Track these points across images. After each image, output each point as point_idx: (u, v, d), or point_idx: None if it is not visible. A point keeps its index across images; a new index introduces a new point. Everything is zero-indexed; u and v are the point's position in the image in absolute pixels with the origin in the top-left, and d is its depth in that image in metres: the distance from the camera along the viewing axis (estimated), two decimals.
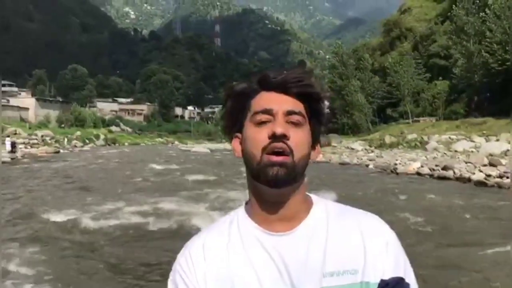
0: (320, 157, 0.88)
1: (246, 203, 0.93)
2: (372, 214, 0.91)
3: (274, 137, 0.82)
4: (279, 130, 0.82)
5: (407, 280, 0.84)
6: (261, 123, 0.85)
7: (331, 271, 0.83)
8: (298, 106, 0.86)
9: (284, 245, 0.85)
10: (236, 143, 0.91)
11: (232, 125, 0.91)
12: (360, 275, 0.83)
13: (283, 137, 0.82)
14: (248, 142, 0.86)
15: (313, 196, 0.92)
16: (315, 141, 0.89)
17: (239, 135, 0.90)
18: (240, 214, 0.92)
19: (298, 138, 0.84)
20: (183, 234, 7.13)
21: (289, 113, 0.85)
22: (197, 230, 0.93)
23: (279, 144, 0.82)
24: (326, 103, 0.91)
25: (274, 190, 0.84)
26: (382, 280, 0.83)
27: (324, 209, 0.90)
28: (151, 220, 8.30)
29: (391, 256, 0.85)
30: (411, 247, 6.09)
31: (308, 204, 0.90)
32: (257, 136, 0.84)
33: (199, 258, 0.87)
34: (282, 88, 0.86)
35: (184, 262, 0.88)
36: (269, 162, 0.82)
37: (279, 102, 0.85)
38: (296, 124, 0.85)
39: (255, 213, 0.89)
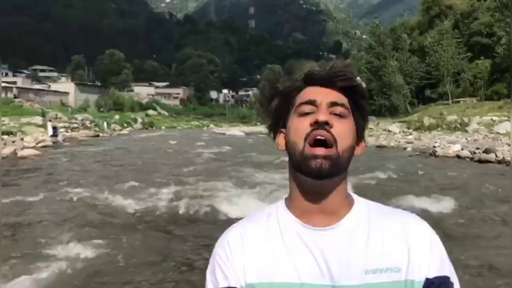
0: None
1: (286, 199, 0.92)
2: (413, 214, 0.91)
3: (317, 124, 0.82)
4: (322, 117, 0.82)
5: (451, 280, 0.85)
6: (305, 114, 0.85)
7: (374, 268, 0.83)
8: (342, 98, 0.87)
9: (325, 241, 0.85)
10: (280, 137, 0.91)
11: (278, 122, 0.92)
12: (404, 273, 0.83)
13: (326, 124, 0.82)
14: (291, 132, 0.86)
15: (354, 195, 0.92)
16: (359, 137, 0.89)
17: (283, 130, 0.91)
18: (280, 207, 0.91)
19: (342, 128, 0.84)
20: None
21: (333, 104, 0.86)
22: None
23: (322, 132, 0.82)
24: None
25: (316, 181, 0.83)
26: (427, 279, 0.83)
27: (365, 208, 0.90)
28: None
29: (436, 255, 0.85)
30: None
31: (350, 200, 0.90)
32: (300, 125, 0.84)
33: (237, 249, 0.87)
34: (327, 81, 0.88)
35: (223, 253, 0.88)
36: (312, 154, 0.82)
37: (323, 94, 0.86)
38: (340, 116, 0.85)
39: (296, 205, 0.88)
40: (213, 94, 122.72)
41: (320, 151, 0.81)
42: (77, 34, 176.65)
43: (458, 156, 17.08)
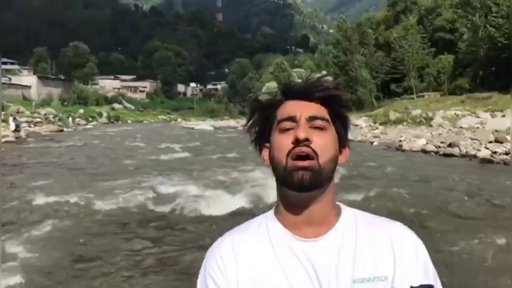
0: None
1: (275, 209, 0.94)
2: (399, 223, 0.92)
3: (297, 142, 0.84)
4: (301, 134, 0.84)
5: None
6: (285, 130, 0.87)
7: (361, 277, 0.84)
8: (320, 111, 0.88)
9: (314, 252, 0.86)
10: (265, 152, 0.93)
11: (261, 136, 0.94)
12: (390, 281, 0.84)
13: (306, 141, 0.84)
14: (274, 149, 0.88)
15: (341, 204, 0.93)
16: (341, 145, 0.91)
17: (267, 145, 0.92)
18: (268, 218, 0.93)
19: (322, 141, 0.85)
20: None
21: (312, 118, 0.87)
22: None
23: (303, 148, 0.84)
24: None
25: (301, 194, 0.85)
26: (411, 287, 0.85)
27: (353, 217, 0.91)
28: None
29: (420, 264, 0.86)
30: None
31: (337, 210, 0.91)
32: (282, 142, 0.86)
33: (230, 261, 0.88)
34: (305, 94, 0.89)
35: (215, 264, 0.88)
36: (294, 166, 0.83)
37: (302, 108, 0.87)
38: (320, 129, 0.87)
39: (284, 218, 0.90)
40: (181, 88, 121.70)
41: (301, 163, 0.83)
42: (40, 25, 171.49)
43: (423, 150, 17.47)
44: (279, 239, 0.89)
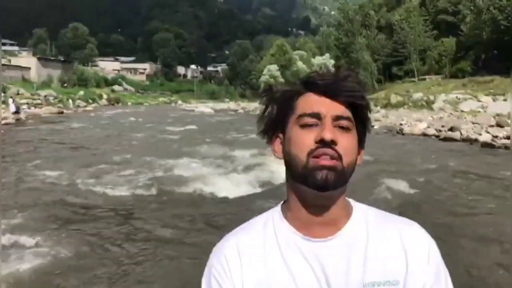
0: None
1: (282, 207, 0.90)
2: (412, 222, 0.90)
3: (322, 143, 0.80)
4: (328, 135, 0.79)
5: None
6: (307, 126, 0.82)
7: (372, 281, 0.82)
8: (346, 111, 0.83)
9: (323, 253, 0.83)
10: (277, 144, 0.88)
11: (274, 127, 0.88)
12: (401, 286, 0.82)
13: (332, 143, 0.80)
14: (292, 144, 0.83)
15: (351, 201, 0.90)
16: (359, 146, 0.87)
17: (280, 136, 0.87)
18: (275, 217, 0.89)
19: (347, 143, 0.82)
20: None
21: (338, 118, 0.82)
22: None
23: (327, 150, 0.79)
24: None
25: (320, 193, 0.81)
26: None
27: (363, 216, 0.88)
28: None
29: (432, 267, 0.84)
30: None
31: (348, 209, 0.88)
32: (303, 140, 0.81)
33: (235, 262, 0.85)
34: (331, 92, 0.83)
35: (219, 266, 0.86)
36: (318, 165, 0.79)
37: (328, 106, 0.82)
38: (344, 129, 0.82)
39: (295, 217, 0.86)
40: (181, 70, 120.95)
41: (327, 162, 0.79)
42: (39, 7, 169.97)
43: (424, 134, 17.44)
44: (286, 239, 0.85)
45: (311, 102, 0.84)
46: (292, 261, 0.83)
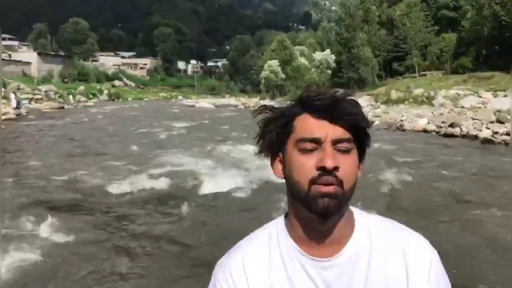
0: None
1: (286, 219, 0.90)
2: (415, 233, 0.89)
3: (323, 169, 0.78)
4: (329, 163, 0.78)
5: None
6: (307, 151, 0.81)
7: None
8: (346, 133, 0.82)
9: (327, 273, 0.84)
10: (278, 165, 0.87)
11: (272, 146, 0.87)
12: None
13: (334, 169, 0.79)
14: (294, 169, 0.82)
15: (354, 211, 0.89)
16: (359, 162, 0.86)
17: (280, 155, 0.86)
18: (279, 230, 0.89)
19: (348, 167, 0.80)
20: None
21: (337, 141, 0.81)
22: None
23: (330, 179, 0.78)
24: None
25: (323, 220, 0.82)
26: None
27: (366, 231, 0.87)
28: None
29: (433, 284, 0.84)
30: None
31: (351, 224, 0.88)
32: (304, 166, 0.80)
33: (241, 279, 0.85)
34: (330, 115, 0.81)
35: (225, 282, 0.86)
36: (319, 193, 0.79)
37: (327, 130, 0.80)
38: (344, 151, 0.81)
39: (297, 235, 0.86)
40: (181, 65, 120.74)
41: (326, 188, 0.78)
42: (39, 1, 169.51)
43: (425, 130, 17.45)
44: (291, 258, 0.86)
45: (309, 125, 0.82)
46: (297, 281, 0.84)
